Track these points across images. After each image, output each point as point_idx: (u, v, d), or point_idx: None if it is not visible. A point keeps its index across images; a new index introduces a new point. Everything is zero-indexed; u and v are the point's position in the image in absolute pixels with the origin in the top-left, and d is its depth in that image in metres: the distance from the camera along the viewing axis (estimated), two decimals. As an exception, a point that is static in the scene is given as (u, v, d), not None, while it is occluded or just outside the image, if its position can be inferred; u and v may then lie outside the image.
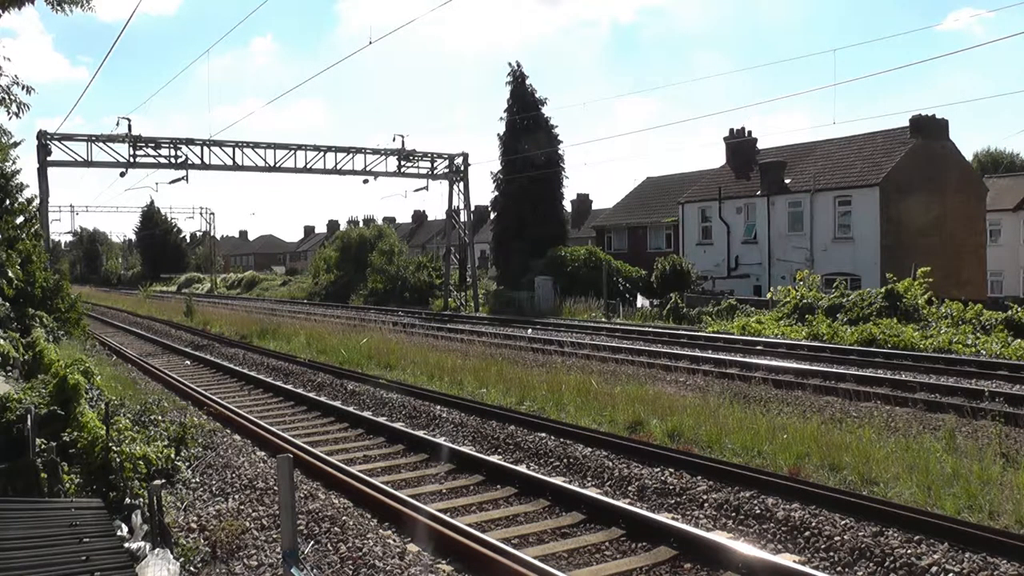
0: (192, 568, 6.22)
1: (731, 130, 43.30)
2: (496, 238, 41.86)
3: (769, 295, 28.08)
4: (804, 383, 13.57)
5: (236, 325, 27.91)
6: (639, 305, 32.86)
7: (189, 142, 31.86)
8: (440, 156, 37.27)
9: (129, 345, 24.07)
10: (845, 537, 6.51)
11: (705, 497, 7.76)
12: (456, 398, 13.04)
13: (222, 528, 6.84)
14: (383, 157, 35.24)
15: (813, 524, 6.82)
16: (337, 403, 13.42)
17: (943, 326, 20.27)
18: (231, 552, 6.52)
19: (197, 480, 8.70)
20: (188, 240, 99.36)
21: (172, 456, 8.79)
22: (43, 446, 6.97)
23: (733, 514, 7.37)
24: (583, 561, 6.60)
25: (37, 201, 22.84)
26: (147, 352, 22.34)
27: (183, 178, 32.31)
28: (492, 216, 44.14)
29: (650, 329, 24.39)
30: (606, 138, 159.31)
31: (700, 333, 23.12)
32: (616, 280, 34.94)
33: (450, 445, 10.10)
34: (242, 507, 7.63)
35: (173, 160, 31.65)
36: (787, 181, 37.59)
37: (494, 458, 9.53)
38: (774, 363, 16.24)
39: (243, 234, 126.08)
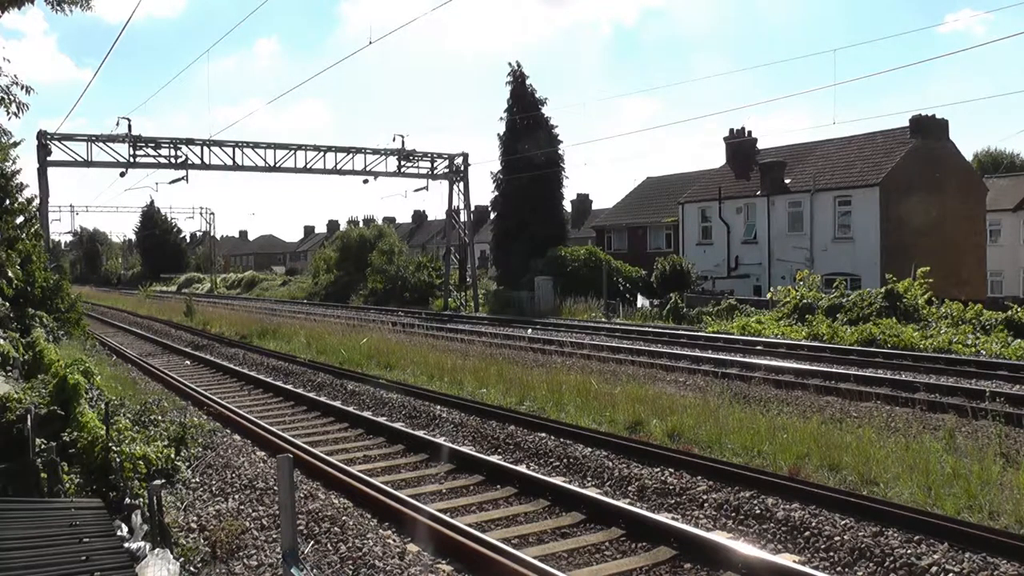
0: (192, 568, 6.22)
1: (731, 130, 43.34)
2: (496, 238, 41.82)
3: (769, 295, 28.07)
4: (804, 383, 13.57)
5: (236, 325, 27.90)
6: (639, 305, 32.85)
7: (189, 142, 31.86)
8: (440, 156, 37.28)
9: (129, 345, 24.07)
10: (845, 537, 6.51)
11: (705, 497, 7.76)
12: (456, 398, 13.04)
13: (222, 528, 6.84)
14: (383, 157, 35.25)
15: (813, 524, 6.81)
16: (337, 403, 13.42)
17: (943, 326, 20.26)
18: (231, 552, 6.53)
19: (197, 480, 8.70)
20: (188, 240, 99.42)
21: (172, 456, 8.79)
22: (43, 446, 6.98)
23: (733, 514, 7.37)
24: (583, 561, 6.59)
25: (37, 201, 22.88)
26: (147, 352, 22.34)
27: (183, 178, 32.36)
28: (492, 216, 44.11)
29: (650, 329, 24.39)
30: (607, 138, 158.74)
31: (700, 333, 23.11)
32: (616, 280, 34.94)
33: (450, 445, 10.10)
34: (242, 507, 7.64)
35: (173, 160, 31.66)
36: (787, 181, 37.60)
37: (494, 458, 9.53)
38: (774, 363, 16.24)
39: (243, 234, 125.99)
